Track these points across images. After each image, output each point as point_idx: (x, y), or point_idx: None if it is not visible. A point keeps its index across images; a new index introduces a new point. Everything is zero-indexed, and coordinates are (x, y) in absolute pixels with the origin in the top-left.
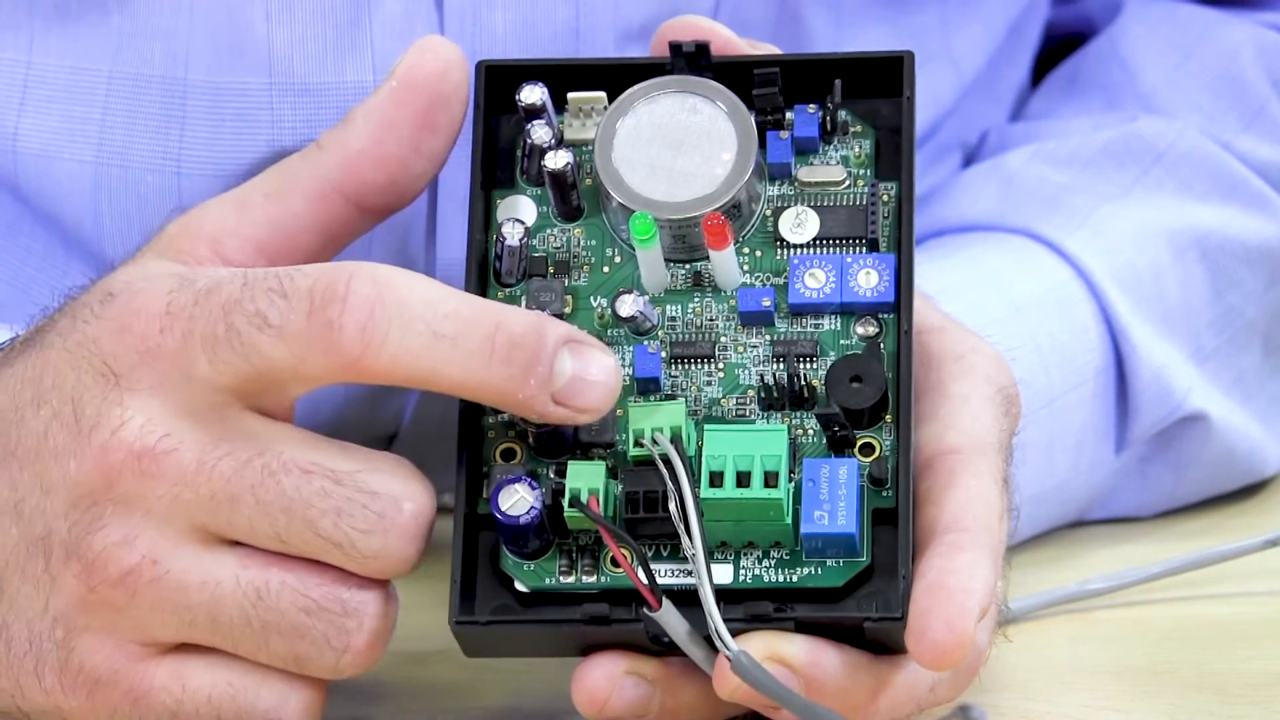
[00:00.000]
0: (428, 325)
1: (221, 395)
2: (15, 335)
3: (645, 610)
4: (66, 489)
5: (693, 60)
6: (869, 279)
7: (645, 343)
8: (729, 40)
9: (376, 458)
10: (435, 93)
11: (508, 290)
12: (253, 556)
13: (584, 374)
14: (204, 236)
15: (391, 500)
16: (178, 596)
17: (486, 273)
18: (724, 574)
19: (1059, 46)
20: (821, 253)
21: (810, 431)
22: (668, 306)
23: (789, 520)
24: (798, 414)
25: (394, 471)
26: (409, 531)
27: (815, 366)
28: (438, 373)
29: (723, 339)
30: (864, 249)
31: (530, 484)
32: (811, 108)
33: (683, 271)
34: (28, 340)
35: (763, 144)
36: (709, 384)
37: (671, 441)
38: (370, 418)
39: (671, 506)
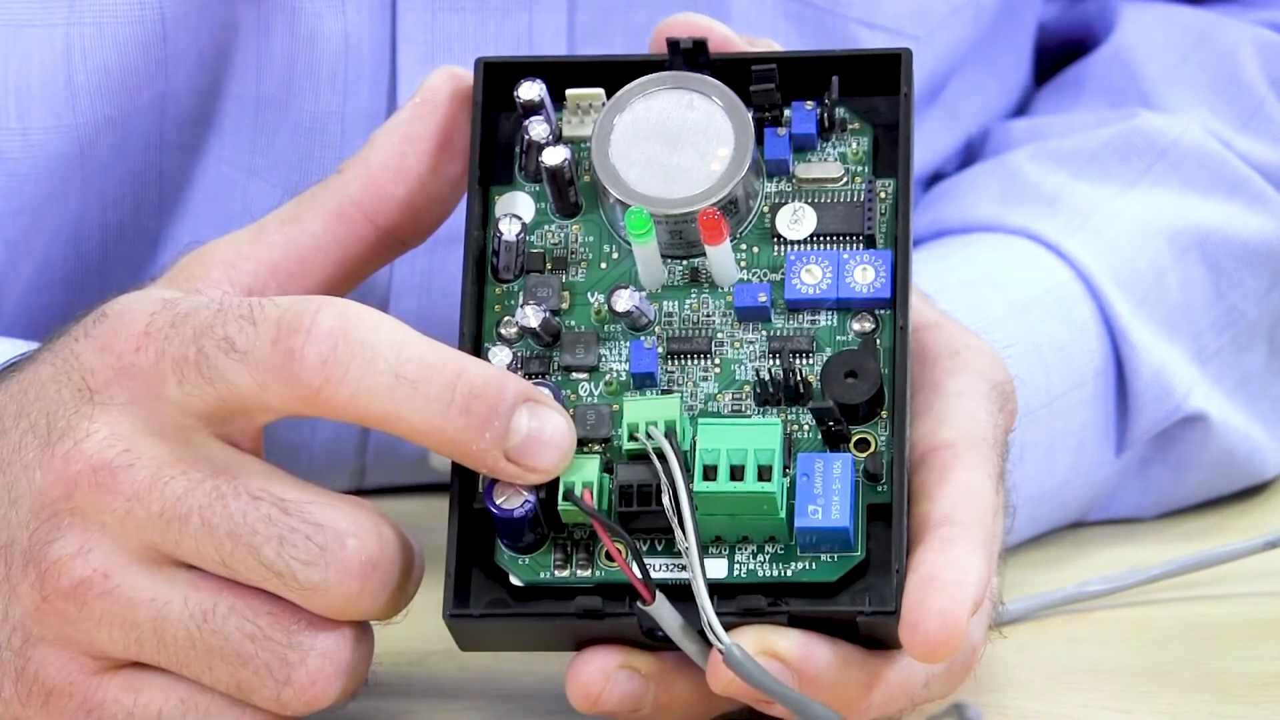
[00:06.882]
0: (390, 366)
1: (189, 419)
2: (22, 354)
3: (639, 604)
4: (31, 498)
5: (690, 57)
6: (865, 275)
7: (641, 338)
8: (726, 37)
9: (332, 495)
10: (456, 112)
11: (505, 285)
12: (205, 580)
13: (539, 434)
14: (216, 261)
15: (335, 534)
16: (126, 612)
17: (484, 268)
18: (718, 568)
19: (1059, 57)
20: (818, 249)
21: (805, 427)
22: (664, 302)
23: (782, 514)
24: (793, 409)
25: (345, 509)
26: (349, 568)
27: (811, 362)
28: (396, 415)
29: (719, 335)
30: (861, 245)
31: None
32: (809, 104)
33: (680, 267)
34: (28, 358)
35: (760, 140)
36: (705, 379)
37: (666, 435)
38: None
39: (665, 500)
